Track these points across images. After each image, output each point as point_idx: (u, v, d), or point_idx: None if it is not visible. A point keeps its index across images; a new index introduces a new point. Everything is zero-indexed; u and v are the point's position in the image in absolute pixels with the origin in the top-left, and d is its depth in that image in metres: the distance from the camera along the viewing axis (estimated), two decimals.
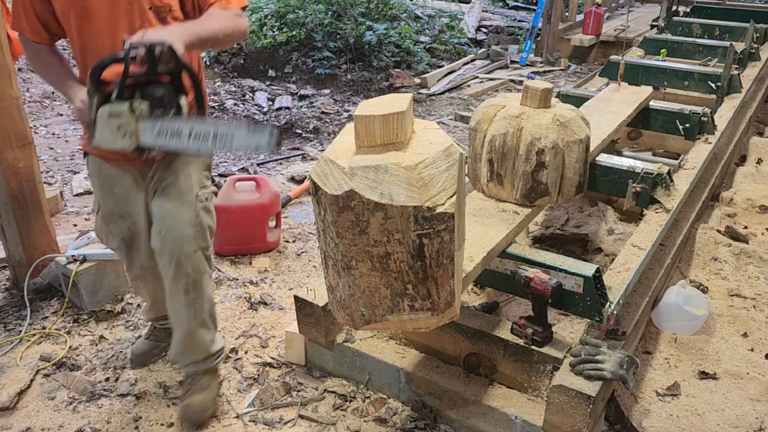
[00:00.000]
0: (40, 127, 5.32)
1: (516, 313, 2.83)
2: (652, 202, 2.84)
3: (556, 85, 6.42)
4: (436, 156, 1.52)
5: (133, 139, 1.87)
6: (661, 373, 2.51)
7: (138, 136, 1.87)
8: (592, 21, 7.55)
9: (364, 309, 1.67)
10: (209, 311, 2.30)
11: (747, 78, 4.46)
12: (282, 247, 3.51)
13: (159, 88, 1.88)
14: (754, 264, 3.16)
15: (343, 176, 1.50)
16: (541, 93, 2.44)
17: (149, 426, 2.29)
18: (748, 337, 2.71)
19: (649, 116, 3.63)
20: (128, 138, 1.86)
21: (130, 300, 2.99)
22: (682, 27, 5.53)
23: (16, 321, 2.84)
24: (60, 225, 3.66)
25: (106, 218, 2.24)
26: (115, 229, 2.25)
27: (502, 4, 10.62)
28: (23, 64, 6.77)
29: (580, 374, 1.98)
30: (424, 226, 1.51)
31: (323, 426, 2.27)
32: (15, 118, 2.78)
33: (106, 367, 2.57)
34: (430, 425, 2.25)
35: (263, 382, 2.49)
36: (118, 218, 2.22)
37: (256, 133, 1.76)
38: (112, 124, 1.84)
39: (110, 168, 2.17)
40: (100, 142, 1.88)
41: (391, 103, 1.56)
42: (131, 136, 1.86)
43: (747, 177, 3.98)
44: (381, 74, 6.99)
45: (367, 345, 2.43)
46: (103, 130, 1.86)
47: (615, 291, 2.24)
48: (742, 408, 2.34)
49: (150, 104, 1.86)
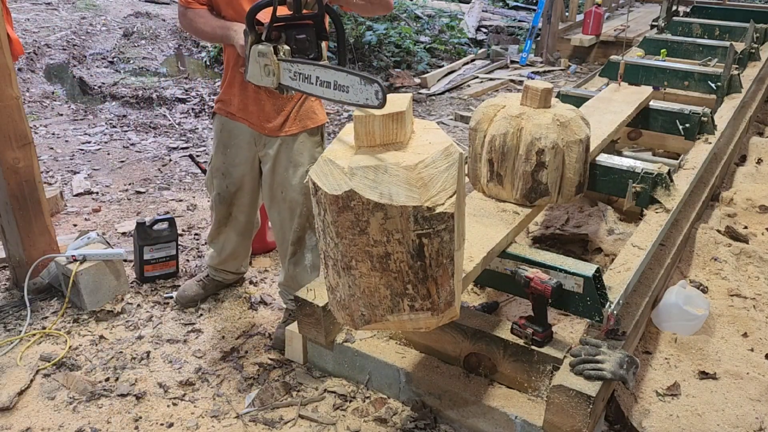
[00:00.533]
0: (40, 127, 5.32)
1: (516, 313, 2.83)
2: (652, 202, 2.84)
3: (556, 85, 6.42)
4: (435, 156, 1.52)
5: (275, 78, 2.04)
6: (661, 373, 2.51)
7: (279, 76, 2.04)
8: (592, 21, 7.55)
9: (364, 309, 1.67)
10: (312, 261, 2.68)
11: (747, 78, 4.46)
12: None
13: (302, 32, 2.05)
14: (754, 264, 3.16)
15: (343, 176, 1.50)
16: (541, 93, 2.44)
17: (149, 426, 2.29)
18: (748, 337, 2.71)
19: (649, 116, 3.63)
20: (272, 76, 2.05)
21: (130, 300, 2.99)
22: (682, 27, 5.53)
23: (16, 321, 2.84)
24: (60, 225, 3.66)
25: (213, 172, 2.66)
26: (216, 183, 2.66)
27: (502, 4, 10.62)
28: (23, 64, 6.78)
29: (580, 374, 1.98)
30: (424, 226, 1.51)
31: (323, 426, 2.27)
32: (15, 118, 2.78)
33: (106, 367, 2.57)
34: (430, 425, 2.25)
35: (263, 382, 2.49)
36: (221, 175, 2.62)
37: (365, 87, 1.76)
38: (260, 62, 2.03)
39: (231, 125, 2.52)
40: (251, 78, 2.09)
41: (390, 103, 1.56)
42: (274, 74, 2.04)
43: (747, 177, 3.98)
44: (381, 74, 6.99)
45: (367, 345, 2.43)
46: (253, 67, 2.06)
47: (615, 291, 2.24)
48: (742, 408, 2.34)
49: (292, 47, 2.02)
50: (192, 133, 5.31)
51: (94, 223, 3.75)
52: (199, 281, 2.98)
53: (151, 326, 2.83)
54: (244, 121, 2.49)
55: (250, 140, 2.53)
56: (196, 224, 3.76)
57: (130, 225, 3.60)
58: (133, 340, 2.74)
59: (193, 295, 2.95)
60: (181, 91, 6.48)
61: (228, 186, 2.63)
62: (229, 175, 2.61)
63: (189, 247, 3.50)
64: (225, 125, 2.54)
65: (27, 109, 5.10)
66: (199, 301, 2.95)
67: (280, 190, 2.55)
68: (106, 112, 5.81)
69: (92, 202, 4.00)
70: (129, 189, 4.22)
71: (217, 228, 2.81)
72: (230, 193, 2.65)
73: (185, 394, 2.44)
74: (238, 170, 2.59)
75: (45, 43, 7.67)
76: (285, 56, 2.00)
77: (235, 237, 2.81)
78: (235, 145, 2.55)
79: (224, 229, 2.79)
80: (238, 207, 2.71)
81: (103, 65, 7.43)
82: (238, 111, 2.48)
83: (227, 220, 2.75)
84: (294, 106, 2.46)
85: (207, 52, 7.82)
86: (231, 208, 2.70)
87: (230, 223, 2.77)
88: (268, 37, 2.02)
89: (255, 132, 2.50)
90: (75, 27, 8.50)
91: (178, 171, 4.52)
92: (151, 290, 3.08)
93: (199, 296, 2.96)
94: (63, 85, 6.75)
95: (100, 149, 4.92)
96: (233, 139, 2.54)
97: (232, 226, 2.78)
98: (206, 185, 2.78)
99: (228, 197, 2.67)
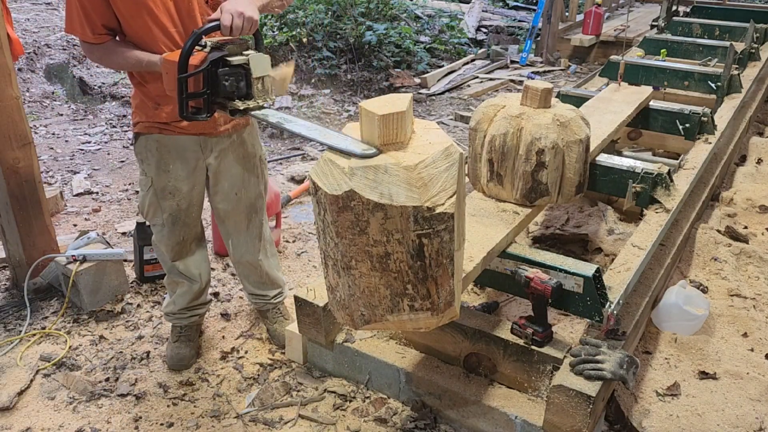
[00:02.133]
0: (40, 127, 5.32)
1: (516, 313, 2.83)
2: (652, 202, 2.84)
3: (556, 85, 6.42)
4: (435, 156, 1.52)
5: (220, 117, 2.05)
6: (661, 373, 2.51)
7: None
8: (592, 21, 7.54)
9: (364, 309, 1.67)
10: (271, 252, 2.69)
11: (747, 78, 4.46)
12: (282, 247, 3.51)
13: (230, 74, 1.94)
14: (754, 264, 3.16)
15: (343, 176, 1.50)
16: (541, 93, 2.44)
17: (149, 426, 2.29)
18: (748, 337, 2.71)
19: (649, 116, 3.62)
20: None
21: (130, 300, 2.99)
22: (682, 27, 5.53)
23: (16, 321, 2.84)
24: (60, 225, 3.66)
25: (158, 195, 2.39)
26: (167, 205, 2.41)
27: (502, 4, 10.61)
28: (23, 64, 6.78)
29: (580, 374, 1.98)
30: (424, 226, 1.51)
31: (323, 426, 2.27)
32: (15, 118, 2.78)
33: (106, 367, 2.57)
34: (430, 425, 2.25)
35: (263, 382, 2.49)
36: (169, 195, 2.38)
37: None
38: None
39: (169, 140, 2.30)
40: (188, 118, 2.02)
41: (391, 103, 1.56)
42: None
43: (747, 177, 3.98)
44: (381, 74, 6.99)
45: (367, 345, 2.43)
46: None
47: (615, 291, 2.24)
48: (742, 408, 2.34)
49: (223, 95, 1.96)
50: None
51: (94, 223, 3.75)
52: (177, 340, 2.64)
53: (151, 326, 2.83)
54: (186, 132, 2.27)
55: (195, 149, 2.33)
56: None
57: (130, 225, 3.60)
58: (133, 340, 2.74)
59: (189, 354, 2.61)
60: None
61: (179, 203, 2.40)
62: (178, 191, 2.37)
63: None
64: (161, 141, 2.30)
65: (27, 109, 5.10)
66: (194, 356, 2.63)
67: (234, 191, 2.44)
68: (106, 112, 5.80)
69: (92, 202, 4.00)
70: (129, 189, 4.21)
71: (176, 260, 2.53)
72: (182, 210, 2.42)
73: (185, 394, 2.44)
74: (186, 184, 2.38)
75: (45, 43, 7.66)
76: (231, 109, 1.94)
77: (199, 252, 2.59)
78: (180, 159, 2.33)
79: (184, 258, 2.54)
80: (192, 222, 2.49)
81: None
82: (176, 124, 2.24)
83: (185, 242, 2.51)
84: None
85: None
86: (186, 226, 2.47)
87: (191, 243, 2.53)
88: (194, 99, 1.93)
89: (202, 138, 2.31)
90: None
91: None
92: (151, 290, 3.08)
93: (194, 349, 2.65)
94: (63, 85, 6.75)
95: (100, 149, 4.92)
96: (176, 154, 2.32)
97: (192, 244, 2.54)
98: (146, 217, 2.48)
99: (182, 216, 2.44)
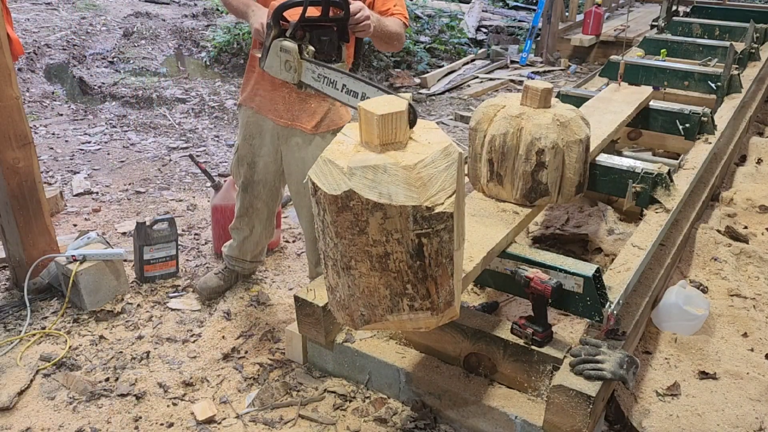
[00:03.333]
0: (40, 127, 5.32)
1: (516, 313, 2.83)
2: (652, 202, 2.84)
3: (556, 85, 6.42)
4: (435, 155, 1.52)
5: (296, 75, 2.16)
6: (661, 373, 2.51)
7: (300, 74, 2.16)
8: (592, 21, 7.54)
9: (364, 309, 1.67)
10: None
11: (747, 78, 4.46)
12: (282, 247, 3.51)
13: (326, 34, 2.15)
14: (754, 264, 3.16)
15: (342, 176, 1.50)
16: (541, 93, 2.44)
17: (149, 426, 2.29)
18: (748, 337, 2.71)
19: (649, 116, 3.62)
20: (292, 72, 2.16)
21: (130, 300, 2.99)
22: (682, 27, 5.53)
23: (16, 321, 2.84)
24: (60, 225, 3.66)
25: (240, 160, 2.75)
26: (242, 172, 2.76)
27: (502, 4, 10.62)
28: (23, 64, 6.78)
29: (580, 374, 1.98)
30: (423, 225, 1.51)
31: (323, 426, 2.27)
32: (15, 118, 2.78)
33: (106, 367, 2.57)
34: (430, 425, 2.25)
35: (263, 382, 2.49)
36: (247, 165, 2.72)
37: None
38: (281, 57, 2.13)
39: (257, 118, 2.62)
40: (268, 68, 2.21)
41: (390, 103, 1.56)
42: (295, 71, 2.15)
43: (747, 177, 3.98)
44: (381, 74, 6.99)
45: (367, 345, 2.43)
46: (273, 59, 2.17)
47: (615, 291, 2.24)
48: (742, 408, 2.34)
49: (315, 47, 2.14)
50: (192, 133, 5.31)
51: (94, 223, 3.75)
52: (218, 274, 3.06)
53: (151, 326, 2.83)
54: (269, 117, 2.59)
55: (273, 134, 2.62)
56: (196, 224, 3.76)
57: (130, 225, 3.60)
58: (133, 340, 2.74)
59: (215, 287, 3.02)
60: (181, 91, 6.49)
61: (253, 176, 2.74)
62: (255, 165, 2.71)
63: (189, 247, 3.50)
64: (251, 117, 2.64)
65: (27, 109, 5.09)
66: (220, 293, 3.03)
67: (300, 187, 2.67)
68: (106, 112, 5.80)
69: (92, 202, 4.00)
70: (129, 189, 4.22)
71: (240, 216, 2.89)
72: (254, 182, 2.75)
73: (185, 394, 2.44)
74: (263, 161, 2.69)
75: (45, 43, 7.66)
76: (309, 56, 2.07)
77: (256, 225, 2.90)
78: (261, 137, 2.65)
79: (245, 218, 2.87)
80: (261, 197, 2.80)
81: (103, 65, 7.43)
82: (264, 106, 2.58)
83: (250, 209, 2.84)
84: (329, 108, 2.54)
85: (207, 52, 7.81)
86: (254, 197, 2.80)
87: (253, 213, 2.85)
88: (293, 35, 2.09)
89: (279, 127, 2.59)
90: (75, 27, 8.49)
91: (178, 171, 4.53)
92: (151, 290, 3.08)
93: (221, 288, 3.03)
94: (63, 85, 6.75)
95: (100, 149, 4.92)
96: (259, 132, 2.65)
97: (254, 215, 2.86)
98: (231, 171, 2.88)
99: (252, 187, 2.77)
